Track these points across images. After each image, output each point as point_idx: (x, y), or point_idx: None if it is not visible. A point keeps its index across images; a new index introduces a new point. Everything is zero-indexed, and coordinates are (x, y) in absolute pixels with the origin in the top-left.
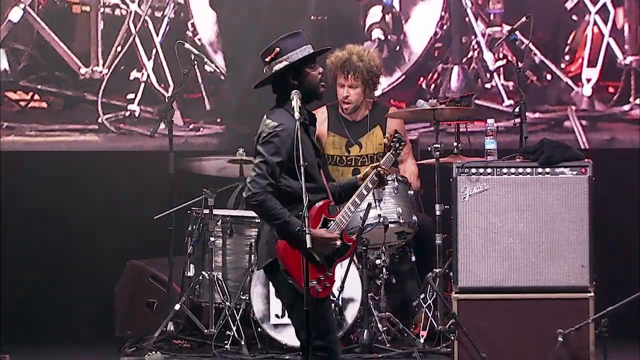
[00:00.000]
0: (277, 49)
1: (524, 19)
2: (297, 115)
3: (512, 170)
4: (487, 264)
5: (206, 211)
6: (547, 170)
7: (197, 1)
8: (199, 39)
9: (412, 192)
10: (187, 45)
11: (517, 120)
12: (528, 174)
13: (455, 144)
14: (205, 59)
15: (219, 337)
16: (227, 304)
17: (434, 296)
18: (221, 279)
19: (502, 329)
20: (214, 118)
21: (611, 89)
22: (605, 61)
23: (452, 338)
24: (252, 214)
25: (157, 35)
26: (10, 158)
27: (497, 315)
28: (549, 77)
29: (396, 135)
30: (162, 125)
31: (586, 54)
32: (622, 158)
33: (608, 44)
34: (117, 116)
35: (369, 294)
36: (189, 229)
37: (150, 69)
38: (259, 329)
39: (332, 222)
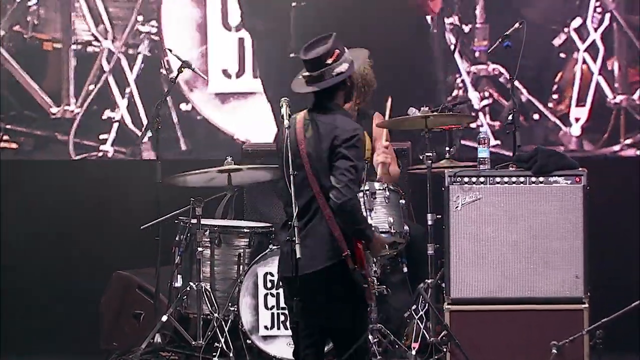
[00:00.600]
0: (338, 51)
1: (517, 25)
2: (286, 122)
3: (505, 179)
4: (479, 275)
5: (194, 221)
6: (541, 179)
7: (172, 37)
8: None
9: (403, 202)
10: (174, 52)
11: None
12: (521, 182)
13: (447, 148)
14: (193, 66)
15: (207, 349)
16: (215, 315)
17: (426, 307)
18: (209, 289)
19: (495, 340)
20: (189, 157)
21: (601, 129)
22: (595, 100)
23: (445, 350)
24: (240, 223)
25: (132, 73)
26: None
27: (490, 326)
28: (536, 116)
29: None
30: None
31: (575, 93)
32: (618, 167)
33: (597, 82)
34: (89, 157)
35: None
36: (177, 238)
37: (124, 108)
38: (248, 341)
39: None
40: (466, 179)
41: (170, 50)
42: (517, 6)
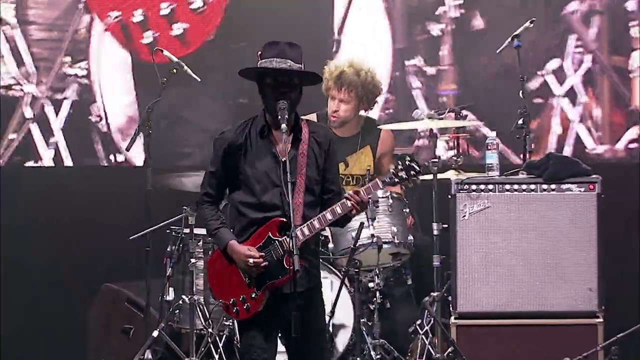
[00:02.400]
0: (260, 53)
1: (527, 23)
2: (283, 127)
3: (515, 186)
4: (488, 288)
5: (186, 230)
6: (553, 186)
7: (104, 80)
8: (108, 124)
9: (407, 210)
10: (165, 52)
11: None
12: (532, 190)
13: (454, 158)
14: (185, 67)
15: None
16: (209, 330)
17: (432, 322)
18: (202, 303)
19: (504, 357)
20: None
21: None
22: (575, 150)
23: None
24: None
25: (58, 120)
26: None
27: (498, 342)
28: None
29: (408, 163)
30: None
31: (552, 143)
32: (634, 173)
33: (577, 131)
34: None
35: (361, 320)
36: (168, 249)
37: (50, 159)
38: None
39: (275, 241)
40: (474, 187)
41: (162, 51)
42: (490, 45)
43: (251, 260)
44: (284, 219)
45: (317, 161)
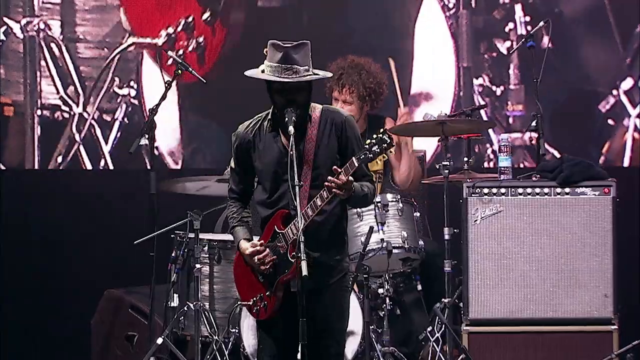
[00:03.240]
0: (265, 50)
1: (542, 23)
2: (291, 129)
3: (528, 190)
4: (500, 294)
5: (191, 235)
6: (567, 190)
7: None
8: (156, 147)
9: (418, 215)
10: (170, 53)
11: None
12: (546, 194)
13: (465, 159)
14: (190, 68)
15: None
16: (215, 337)
17: (443, 329)
18: (208, 310)
19: None
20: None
21: None
22: None
23: None
24: None
25: (107, 143)
26: None
27: (511, 349)
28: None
29: (380, 136)
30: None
31: (625, 163)
32: None
33: None
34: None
35: (370, 327)
36: (173, 254)
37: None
38: None
39: (280, 234)
40: (486, 190)
41: (166, 51)
42: (557, 65)
43: (255, 258)
44: (285, 210)
45: (329, 145)
